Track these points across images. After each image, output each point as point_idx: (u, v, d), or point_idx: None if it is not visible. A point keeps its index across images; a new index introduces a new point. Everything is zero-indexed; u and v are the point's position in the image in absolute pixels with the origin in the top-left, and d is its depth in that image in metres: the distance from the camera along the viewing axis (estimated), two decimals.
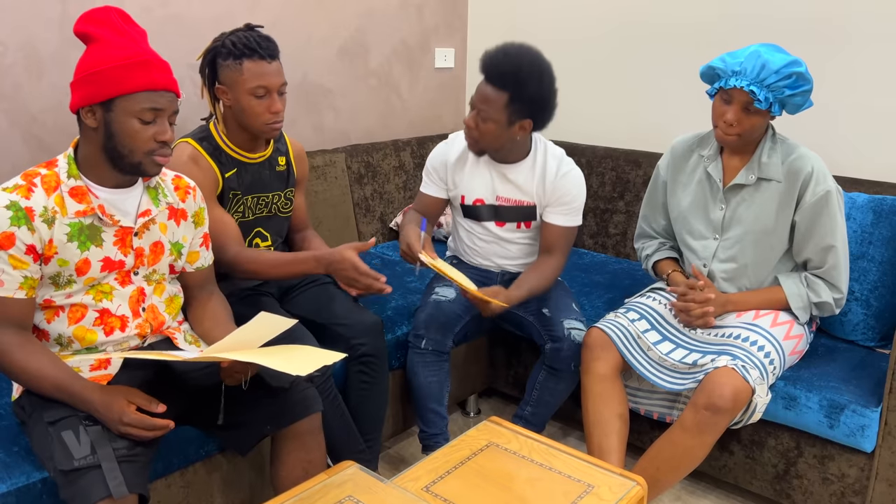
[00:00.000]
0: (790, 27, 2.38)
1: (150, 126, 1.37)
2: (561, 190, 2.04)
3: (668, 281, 2.04)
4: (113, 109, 1.35)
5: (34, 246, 1.34)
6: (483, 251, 2.20)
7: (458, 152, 2.12)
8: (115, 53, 1.35)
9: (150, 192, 1.50)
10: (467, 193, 2.12)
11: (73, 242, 1.38)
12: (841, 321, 2.06)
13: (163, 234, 1.52)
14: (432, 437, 2.07)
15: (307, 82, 2.71)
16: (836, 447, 1.82)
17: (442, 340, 2.03)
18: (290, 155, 2.01)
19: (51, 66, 2.03)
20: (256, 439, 1.54)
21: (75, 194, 1.39)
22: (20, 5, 1.95)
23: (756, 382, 1.70)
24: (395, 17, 2.95)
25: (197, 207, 1.60)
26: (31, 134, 2.04)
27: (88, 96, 1.35)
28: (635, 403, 2.00)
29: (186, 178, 1.61)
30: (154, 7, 2.22)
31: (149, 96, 1.36)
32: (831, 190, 1.80)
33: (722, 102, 1.80)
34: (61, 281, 1.40)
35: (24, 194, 1.34)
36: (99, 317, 1.45)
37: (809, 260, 1.87)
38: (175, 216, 1.55)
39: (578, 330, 2.02)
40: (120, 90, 1.34)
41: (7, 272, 1.33)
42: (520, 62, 1.87)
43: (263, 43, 1.75)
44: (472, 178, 2.10)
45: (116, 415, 1.30)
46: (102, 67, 1.34)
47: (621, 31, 2.80)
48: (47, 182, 1.38)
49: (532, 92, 1.88)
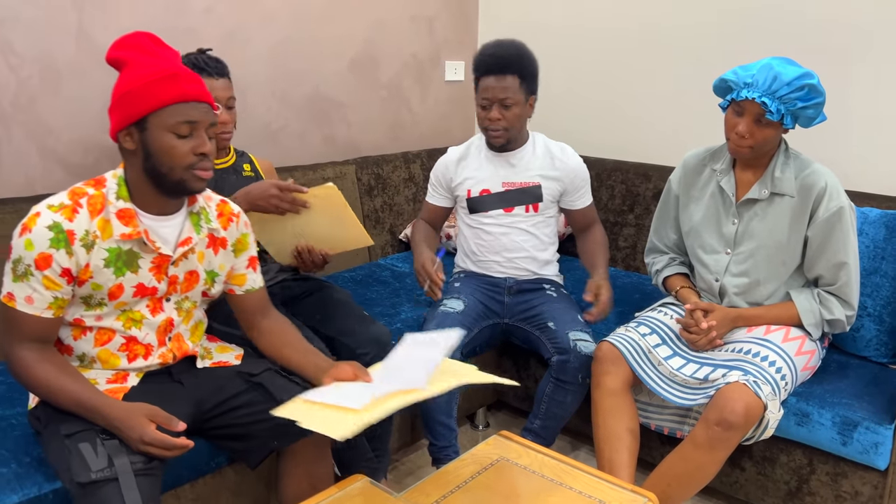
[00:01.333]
0: (804, 40, 2.38)
1: (188, 140, 1.35)
2: (574, 171, 2.21)
3: (678, 297, 2.03)
4: (147, 127, 1.34)
5: (70, 269, 1.33)
6: (490, 247, 2.22)
7: (458, 154, 2.26)
8: (145, 72, 1.33)
9: (192, 217, 1.48)
10: (473, 186, 2.21)
11: (110, 268, 1.37)
12: (853, 337, 2.05)
13: (199, 263, 1.51)
14: (442, 450, 2.07)
15: (318, 95, 2.72)
16: (849, 464, 1.80)
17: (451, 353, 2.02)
18: (257, 165, 2.11)
19: (67, 79, 2.05)
20: (265, 454, 1.54)
21: (122, 216, 1.38)
22: (37, 19, 1.97)
23: (768, 398, 1.68)
24: (405, 30, 2.97)
25: (239, 234, 1.58)
26: (46, 146, 2.06)
27: (123, 119, 1.34)
28: (646, 418, 1.99)
29: (232, 205, 1.59)
30: (170, 20, 2.24)
31: (181, 109, 1.34)
32: (844, 206, 1.79)
33: (734, 115, 1.80)
34: (93, 302, 1.40)
35: (69, 216, 1.33)
36: (125, 343, 1.45)
37: (821, 276, 1.86)
38: (214, 244, 1.53)
39: (585, 342, 2.02)
40: (151, 106, 1.32)
41: (39, 291, 1.33)
42: (513, 47, 2.08)
43: (211, 63, 1.89)
44: (476, 171, 2.21)
45: (137, 433, 1.30)
46: (134, 86, 1.33)
47: (632, 43, 2.81)
48: (93, 203, 1.36)
49: (532, 68, 2.10)
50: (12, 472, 1.40)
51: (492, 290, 2.22)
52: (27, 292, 1.32)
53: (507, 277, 2.23)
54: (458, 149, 2.29)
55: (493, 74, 2.06)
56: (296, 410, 1.35)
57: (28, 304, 1.33)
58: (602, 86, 2.91)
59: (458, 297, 2.14)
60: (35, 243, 1.30)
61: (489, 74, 2.06)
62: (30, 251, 1.30)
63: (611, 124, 2.92)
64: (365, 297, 2.39)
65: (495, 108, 2.08)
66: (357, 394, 1.37)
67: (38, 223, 1.31)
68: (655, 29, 2.73)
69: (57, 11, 2.01)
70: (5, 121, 1.98)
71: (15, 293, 1.33)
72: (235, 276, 1.60)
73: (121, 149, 1.39)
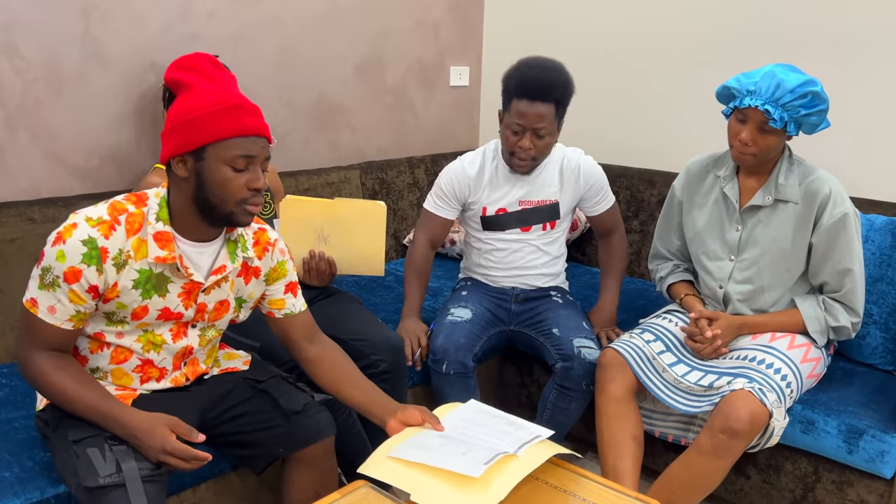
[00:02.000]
0: (808, 47, 2.38)
1: (243, 174, 1.32)
2: (590, 179, 2.13)
3: (683, 305, 2.02)
4: (205, 158, 1.30)
5: (97, 287, 1.31)
6: (501, 264, 2.20)
7: (475, 169, 2.13)
8: (207, 100, 1.29)
9: (229, 245, 1.45)
10: (489, 205, 2.12)
11: (138, 290, 1.35)
12: (859, 344, 2.04)
13: (230, 292, 1.48)
14: None
15: (323, 100, 2.73)
16: (854, 473, 1.79)
17: (463, 362, 2.02)
18: None
19: (72, 83, 2.06)
20: (271, 460, 1.54)
21: (160, 239, 1.34)
22: (43, 23, 1.98)
23: (773, 406, 1.68)
24: (411, 35, 2.98)
25: (275, 263, 1.54)
26: (51, 150, 2.07)
27: (180, 145, 1.30)
28: (650, 425, 1.98)
29: (270, 232, 1.54)
30: (175, 25, 2.25)
31: (241, 143, 1.30)
32: (849, 213, 1.79)
33: (737, 122, 1.80)
34: (115, 318, 1.38)
35: (105, 232, 1.30)
36: (140, 365, 1.44)
37: (826, 283, 1.85)
38: (247, 274, 1.50)
39: (589, 349, 2.01)
40: (212, 137, 1.28)
41: (62, 303, 1.30)
42: (555, 72, 1.96)
43: None
44: (494, 190, 2.12)
45: (159, 443, 1.29)
46: (194, 115, 1.29)
47: (636, 49, 2.81)
48: (131, 222, 1.33)
49: (570, 95, 1.99)
50: (15, 475, 1.40)
51: (499, 299, 2.21)
52: (51, 302, 1.30)
53: (515, 287, 2.23)
54: (473, 161, 2.14)
55: (530, 99, 1.91)
56: (396, 473, 1.30)
57: (50, 313, 1.31)
58: (606, 92, 2.91)
59: (464, 306, 2.14)
60: (67, 255, 1.27)
61: (525, 98, 1.92)
62: (61, 263, 1.28)
63: (615, 130, 2.91)
64: (369, 302, 2.39)
65: (528, 136, 1.95)
66: (450, 451, 1.32)
67: (74, 235, 1.28)
68: (660, 35, 2.73)
69: (63, 16, 2.01)
70: (11, 124, 1.98)
71: (39, 300, 1.31)
72: (272, 300, 1.56)
73: (169, 173, 1.35)
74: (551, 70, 1.95)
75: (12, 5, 1.92)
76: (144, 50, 2.18)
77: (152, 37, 2.20)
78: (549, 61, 1.98)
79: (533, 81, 1.92)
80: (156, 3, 2.19)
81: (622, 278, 2.23)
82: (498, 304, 2.20)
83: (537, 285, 2.22)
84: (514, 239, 2.15)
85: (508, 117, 1.98)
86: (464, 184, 2.12)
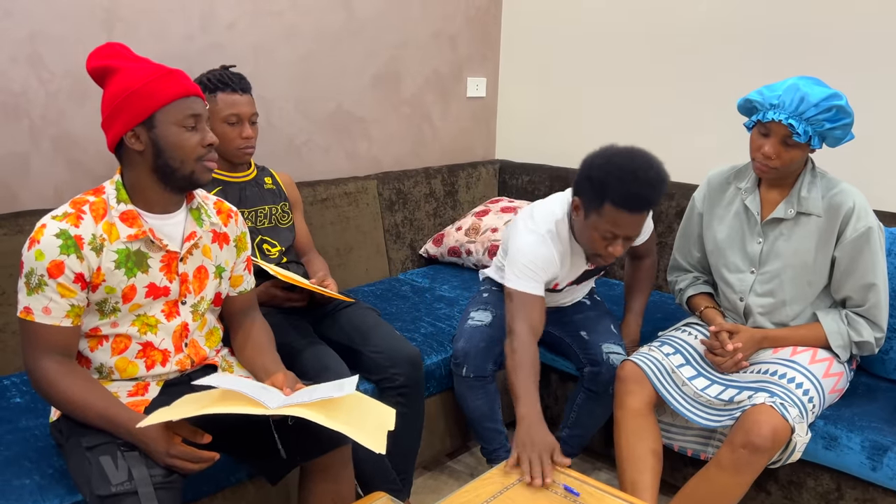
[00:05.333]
0: (829, 58, 2.36)
1: (195, 132, 1.40)
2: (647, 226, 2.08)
3: (703, 317, 2.01)
4: (156, 125, 1.37)
5: (82, 274, 1.35)
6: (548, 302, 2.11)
7: (559, 256, 1.91)
8: (142, 73, 1.37)
9: (193, 213, 1.51)
10: (561, 280, 2.04)
11: (121, 269, 1.39)
12: (882, 359, 2.01)
13: (206, 258, 1.53)
14: (493, 451, 2.11)
15: (341, 111, 2.74)
16: (878, 490, 1.76)
17: (482, 365, 2.03)
18: (277, 179, 2.13)
19: (94, 93, 2.08)
20: (286, 469, 1.53)
21: (126, 218, 1.41)
22: (67, 34, 2.01)
23: (795, 421, 1.65)
24: (428, 46, 2.99)
25: (239, 232, 1.62)
26: (73, 158, 2.09)
27: (130, 120, 1.36)
28: (669, 439, 1.96)
29: (228, 203, 1.63)
30: (196, 36, 2.27)
31: (186, 103, 1.39)
32: (873, 226, 1.77)
33: (760, 136, 1.78)
34: (107, 308, 1.41)
35: (74, 222, 1.35)
36: (142, 349, 1.46)
37: (849, 298, 1.83)
38: (218, 239, 1.56)
39: (617, 354, 2.01)
40: (159, 102, 1.36)
41: (55, 300, 1.34)
42: (659, 185, 1.72)
43: (235, 79, 1.92)
44: (567, 270, 2.00)
45: (164, 446, 1.30)
46: (135, 88, 1.35)
47: (656, 62, 2.80)
48: (95, 209, 1.39)
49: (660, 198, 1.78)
50: (35, 483, 1.41)
51: None
52: (43, 303, 1.34)
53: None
54: (553, 243, 1.90)
55: (631, 211, 1.71)
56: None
57: (46, 314, 1.34)
58: (624, 104, 2.90)
59: (485, 309, 2.13)
60: (45, 252, 1.32)
61: (626, 210, 1.70)
62: (41, 261, 1.32)
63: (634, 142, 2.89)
64: (385, 312, 2.39)
65: (620, 242, 1.78)
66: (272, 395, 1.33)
67: (46, 233, 1.33)
68: (678, 46, 2.72)
69: (87, 28, 2.04)
70: (35, 134, 2.01)
71: (32, 306, 1.34)
72: (233, 276, 1.62)
73: (122, 154, 1.41)
74: (656, 182, 1.71)
75: (37, 17, 1.95)
76: (165, 61, 2.17)
77: (174, 48, 2.22)
78: (656, 171, 1.72)
79: (640, 198, 1.69)
80: (177, 14, 2.21)
81: (647, 300, 2.21)
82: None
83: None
84: (568, 290, 2.14)
85: (599, 221, 1.75)
86: (552, 267, 1.90)
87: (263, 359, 1.56)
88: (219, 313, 1.64)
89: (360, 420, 1.34)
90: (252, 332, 1.64)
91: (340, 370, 1.77)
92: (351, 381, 1.39)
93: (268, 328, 1.68)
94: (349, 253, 2.63)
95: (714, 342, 1.87)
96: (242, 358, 1.61)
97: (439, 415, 2.19)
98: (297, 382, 1.46)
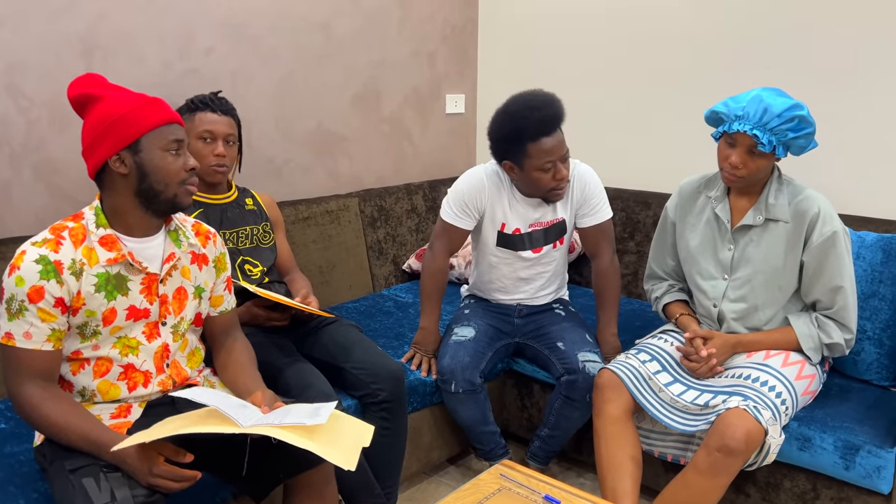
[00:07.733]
0: (798, 68, 2.42)
1: (179, 157, 1.45)
2: (585, 193, 2.15)
3: (678, 324, 2.05)
4: (142, 149, 1.41)
5: (62, 299, 1.38)
6: (511, 280, 2.24)
7: (494, 184, 2.13)
8: (126, 100, 1.42)
9: (171, 235, 1.54)
10: (508, 222, 2.14)
11: (101, 293, 1.42)
12: (854, 360, 2.05)
13: (185, 279, 1.56)
14: (490, 451, 2.20)
15: (322, 130, 2.78)
16: (852, 489, 1.80)
17: (469, 380, 2.08)
18: (258, 199, 2.16)
19: (74, 121, 2.10)
20: (270, 486, 1.55)
21: (105, 243, 1.43)
22: (46, 62, 2.03)
23: (768, 423, 1.69)
24: (407, 65, 3.03)
25: (218, 253, 1.65)
26: (54, 185, 2.11)
27: (115, 144, 1.40)
28: (649, 445, 1.99)
29: (206, 225, 1.66)
30: (174, 62, 2.30)
31: (170, 129, 1.44)
32: (838, 231, 1.82)
33: (726, 146, 1.83)
34: (88, 332, 1.43)
35: (53, 248, 1.38)
36: (123, 371, 1.48)
37: (819, 301, 1.87)
38: (197, 260, 1.59)
39: (593, 362, 2.05)
40: (145, 128, 1.41)
41: (35, 325, 1.36)
42: (553, 100, 1.99)
43: (217, 102, 1.98)
44: (511, 210, 2.14)
45: (146, 466, 1.31)
46: (121, 114, 1.40)
47: (630, 74, 2.86)
48: (75, 234, 1.42)
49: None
50: None
51: (502, 314, 2.28)
52: (24, 328, 1.36)
53: (518, 303, 2.27)
54: (491, 176, 2.12)
55: (546, 135, 1.94)
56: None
57: (27, 339, 1.36)
58: (601, 116, 2.95)
59: (468, 325, 2.19)
60: (25, 278, 1.35)
61: (544, 136, 1.94)
62: (21, 287, 1.35)
63: (610, 153, 2.95)
64: (369, 328, 2.42)
65: (560, 166, 1.99)
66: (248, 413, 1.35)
67: (26, 259, 1.36)
68: (653, 59, 2.78)
69: (66, 57, 2.07)
70: (15, 161, 2.03)
71: (13, 331, 1.36)
72: (214, 297, 1.65)
73: (103, 179, 1.45)
74: (550, 101, 1.97)
75: (17, 47, 1.98)
76: (144, 88, 2.21)
77: (153, 75, 2.26)
78: (542, 93, 1.99)
79: (547, 119, 1.94)
80: (155, 42, 2.25)
81: (618, 304, 2.22)
82: (501, 318, 2.26)
83: (543, 301, 2.28)
84: (529, 259, 2.19)
85: (532, 161, 1.97)
86: (484, 194, 2.12)
87: (245, 378, 1.58)
88: (200, 333, 1.67)
89: (333, 438, 1.35)
90: (234, 351, 1.67)
91: (323, 388, 1.79)
92: (327, 408, 1.38)
93: (249, 347, 1.70)
94: (332, 270, 2.65)
95: (689, 348, 1.91)
96: (224, 377, 1.64)
97: (424, 429, 2.21)
98: (276, 401, 1.48)
